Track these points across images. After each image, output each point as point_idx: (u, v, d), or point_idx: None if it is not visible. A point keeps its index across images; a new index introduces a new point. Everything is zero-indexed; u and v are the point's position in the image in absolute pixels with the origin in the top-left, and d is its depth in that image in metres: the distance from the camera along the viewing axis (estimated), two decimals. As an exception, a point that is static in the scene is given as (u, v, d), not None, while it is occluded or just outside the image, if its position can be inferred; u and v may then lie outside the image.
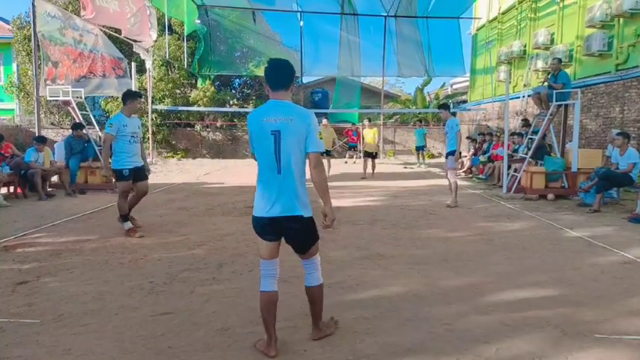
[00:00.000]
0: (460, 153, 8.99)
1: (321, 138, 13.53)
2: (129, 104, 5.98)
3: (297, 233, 2.92)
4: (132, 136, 5.88)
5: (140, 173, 6.03)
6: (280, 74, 2.88)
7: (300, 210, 2.85)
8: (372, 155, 13.40)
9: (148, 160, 7.16)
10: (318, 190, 2.87)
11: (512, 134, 11.76)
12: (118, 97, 18.87)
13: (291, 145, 2.77)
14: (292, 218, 2.84)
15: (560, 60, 10.36)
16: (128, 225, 5.99)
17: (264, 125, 2.79)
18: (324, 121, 14.43)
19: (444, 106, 8.68)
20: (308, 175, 2.88)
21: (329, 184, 3.01)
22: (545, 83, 10.09)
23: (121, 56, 13.30)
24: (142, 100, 6.34)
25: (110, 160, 6.03)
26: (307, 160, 2.87)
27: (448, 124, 8.26)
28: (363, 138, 14.25)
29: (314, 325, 3.06)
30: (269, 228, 2.87)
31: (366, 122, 14.60)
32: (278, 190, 2.82)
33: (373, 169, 13.34)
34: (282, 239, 2.95)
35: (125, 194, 5.95)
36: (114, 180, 6.07)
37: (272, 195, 2.83)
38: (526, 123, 12.70)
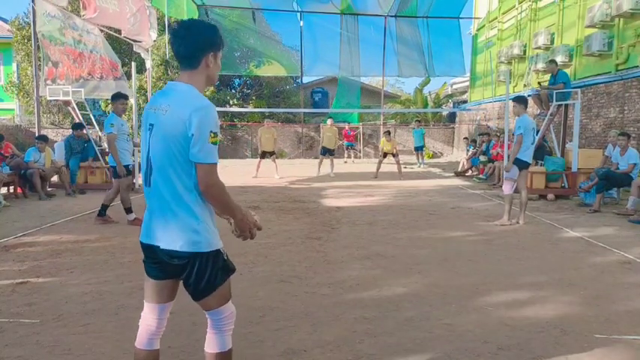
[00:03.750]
0: (523, 161, 6.83)
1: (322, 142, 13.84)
2: (116, 105, 6.47)
3: (180, 272, 2.01)
4: (127, 135, 6.58)
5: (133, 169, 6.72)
6: (182, 44, 1.98)
7: (178, 242, 1.94)
8: (330, 152, 13.74)
9: None
10: (217, 209, 2.07)
11: (513, 134, 11.75)
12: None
13: (163, 145, 1.93)
14: (169, 253, 1.97)
15: (555, 62, 10.37)
16: (132, 216, 6.53)
17: (146, 116, 2.04)
18: (329, 121, 14.58)
19: (518, 99, 6.86)
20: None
21: (329, 183, 2.98)
22: (545, 83, 10.09)
23: (117, 60, 13.32)
24: (127, 102, 6.83)
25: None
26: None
27: (515, 124, 6.86)
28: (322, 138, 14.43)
29: None
30: (148, 259, 2.10)
31: (329, 121, 14.70)
32: (150, 207, 2.06)
33: (332, 167, 13.62)
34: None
35: (129, 187, 6.55)
36: (112, 176, 6.65)
37: (146, 213, 2.10)
38: None
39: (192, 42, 1.97)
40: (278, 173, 12.74)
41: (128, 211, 6.56)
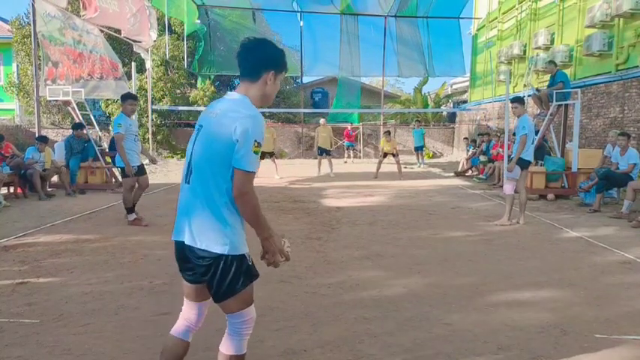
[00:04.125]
0: (526, 161, 6.79)
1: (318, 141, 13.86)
2: (127, 105, 6.48)
3: (204, 273, 2.04)
4: (136, 135, 6.52)
5: (142, 169, 6.57)
6: (248, 56, 2.08)
7: (209, 242, 2.00)
8: (327, 152, 13.78)
9: (147, 160, 7.44)
10: (247, 221, 2.09)
11: (514, 134, 11.76)
12: (117, 99, 18.92)
13: (206, 146, 2.02)
14: (197, 251, 2.02)
15: (554, 63, 10.37)
16: (133, 216, 6.54)
17: (199, 119, 2.14)
18: (322, 120, 14.59)
19: (517, 100, 6.84)
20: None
21: (329, 183, 2.98)
22: (544, 84, 10.09)
23: (117, 60, 13.33)
24: (137, 102, 6.90)
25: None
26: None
27: (518, 124, 6.75)
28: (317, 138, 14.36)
29: None
30: (179, 262, 2.16)
31: (322, 121, 14.69)
32: (183, 204, 2.11)
33: (331, 167, 13.61)
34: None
35: (132, 188, 6.53)
36: (121, 176, 6.63)
37: (179, 211, 2.13)
38: None
39: (258, 56, 2.07)
40: (278, 173, 12.71)
41: (129, 211, 6.55)
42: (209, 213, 2.00)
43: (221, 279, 2.02)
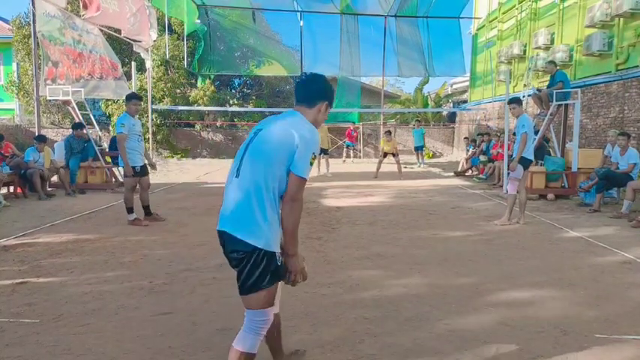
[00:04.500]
0: (528, 160, 6.75)
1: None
2: (131, 105, 6.48)
3: (237, 264, 2.17)
4: (139, 135, 6.53)
5: (144, 170, 6.64)
6: (303, 88, 2.40)
7: (243, 231, 2.11)
8: (325, 152, 13.79)
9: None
10: (283, 230, 2.19)
11: (514, 134, 11.76)
12: (117, 99, 18.90)
13: (267, 147, 2.18)
14: (229, 238, 2.14)
15: (554, 63, 10.37)
16: (133, 216, 6.56)
17: (258, 124, 2.37)
18: None
19: (515, 101, 6.81)
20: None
21: (329, 183, 2.98)
22: (544, 84, 10.10)
23: (117, 60, 13.32)
24: (141, 103, 6.93)
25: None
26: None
27: (517, 123, 6.74)
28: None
29: None
30: (225, 255, 2.23)
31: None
32: (230, 196, 2.20)
33: (327, 167, 13.66)
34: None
35: (133, 189, 6.57)
36: (123, 176, 6.70)
37: (225, 203, 2.23)
38: None
39: (317, 88, 2.39)
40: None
41: (129, 210, 6.56)
42: (252, 206, 2.11)
43: (250, 272, 2.13)
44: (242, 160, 2.22)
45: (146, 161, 6.78)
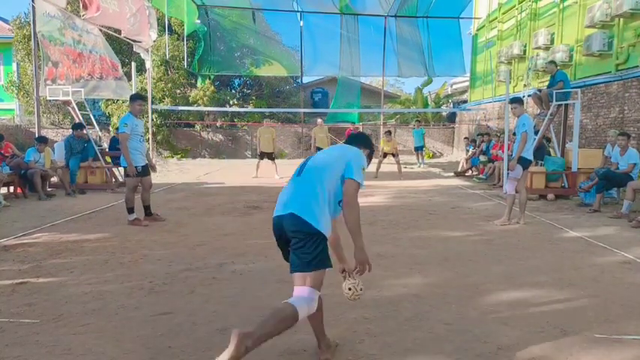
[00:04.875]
0: (527, 160, 6.81)
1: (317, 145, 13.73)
2: (134, 106, 6.54)
3: (296, 242, 2.52)
4: (141, 135, 6.59)
5: (145, 170, 6.68)
6: (355, 139, 3.06)
7: (307, 214, 2.49)
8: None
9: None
10: (348, 230, 2.60)
11: (514, 134, 11.76)
12: (117, 99, 18.90)
13: (328, 160, 2.72)
14: (294, 219, 2.49)
15: (554, 62, 10.36)
16: (133, 216, 6.56)
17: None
18: (319, 120, 14.50)
19: (516, 101, 6.88)
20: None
21: None
22: (544, 84, 10.09)
23: (117, 60, 13.32)
24: (145, 103, 6.97)
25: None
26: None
27: (517, 122, 6.76)
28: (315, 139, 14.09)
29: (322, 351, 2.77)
30: (276, 233, 2.65)
31: (319, 121, 14.55)
32: (293, 189, 2.63)
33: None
34: None
35: (135, 188, 6.62)
36: (124, 175, 6.71)
37: (288, 195, 2.63)
38: None
39: (360, 140, 3.00)
40: (278, 173, 12.68)
41: (130, 210, 6.56)
42: (316, 199, 2.54)
43: (307, 250, 2.49)
44: (305, 165, 2.72)
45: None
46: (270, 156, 12.87)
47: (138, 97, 6.70)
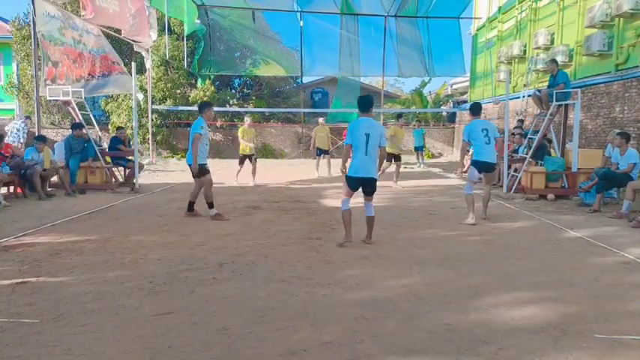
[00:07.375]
0: (481, 162, 7.45)
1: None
2: (207, 112, 7.13)
3: (370, 186, 5.49)
4: (208, 139, 7.23)
5: (206, 169, 7.18)
6: (365, 104, 5.55)
7: (374, 174, 5.47)
8: (325, 152, 13.66)
9: (147, 160, 7.60)
10: (381, 160, 5.77)
11: (513, 134, 11.78)
12: (117, 98, 18.88)
13: (374, 141, 5.38)
14: (370, 179, 5.44)
15: (555, 61, 10.36)
16: (214, 211, 7.07)
17: (361, 130, 5.37)
18: (320, 120, 14.47)
19: (470, 108, 7.67)
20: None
21: (330, 183, 3.00)
22: (545, 84, 10.08)
23: (119, 59, 13.32)
24: (213, 109, 7.64)
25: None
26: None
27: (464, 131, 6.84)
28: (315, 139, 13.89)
29: (368, 236, 5.65)
30: (355, 183, 5.42)
31: (320, 121, 14.29)
32: (363, 162, 5.38)
33: (329, 168, 13.52)
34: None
35: (210, 185, 7.10)
36: (194, 176, 7.08)
37: (361, 166, 5.38)
38: (521, 124, 12.75)
39: (370, 101, 5.65)
40: (254, 180, 11.53)
41: (210, 205, 7.06)
42: (374, 163, 5.49)
43: (373, 188, 5.53)
44: (367, 145, 5.34)
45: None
46: (251, 157, 11.69)
47: (209, 104, 7.41)
